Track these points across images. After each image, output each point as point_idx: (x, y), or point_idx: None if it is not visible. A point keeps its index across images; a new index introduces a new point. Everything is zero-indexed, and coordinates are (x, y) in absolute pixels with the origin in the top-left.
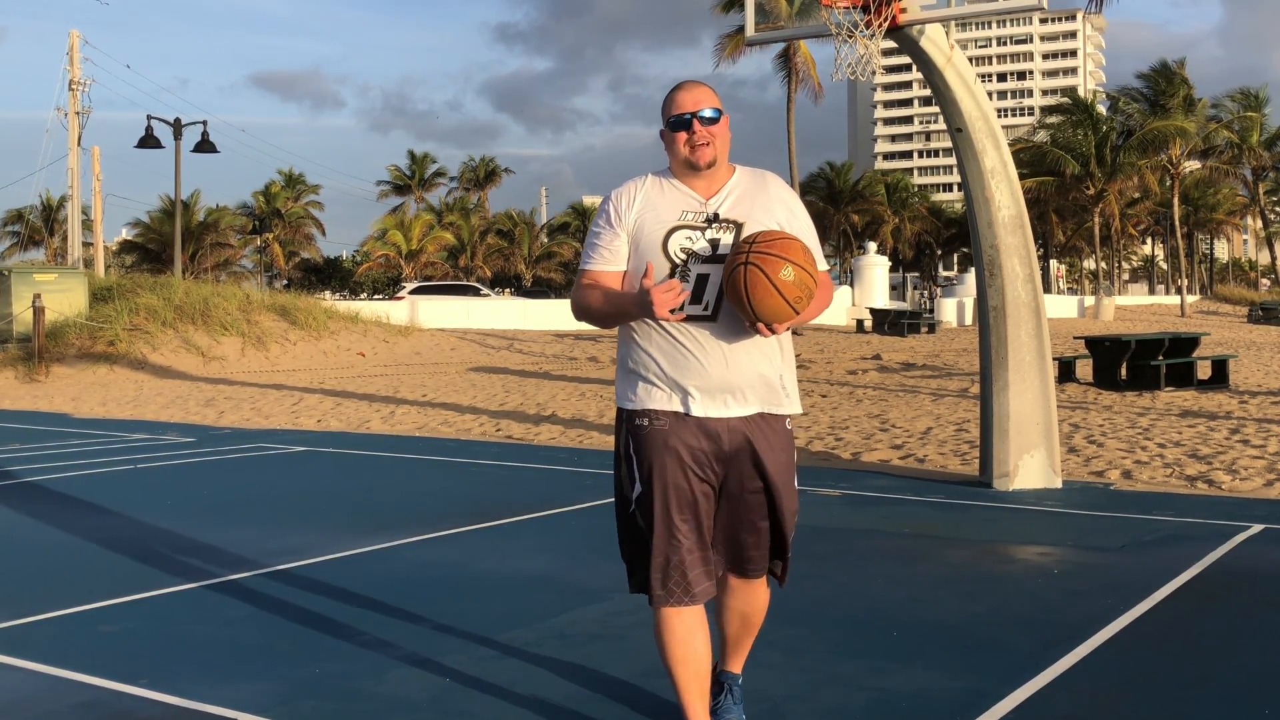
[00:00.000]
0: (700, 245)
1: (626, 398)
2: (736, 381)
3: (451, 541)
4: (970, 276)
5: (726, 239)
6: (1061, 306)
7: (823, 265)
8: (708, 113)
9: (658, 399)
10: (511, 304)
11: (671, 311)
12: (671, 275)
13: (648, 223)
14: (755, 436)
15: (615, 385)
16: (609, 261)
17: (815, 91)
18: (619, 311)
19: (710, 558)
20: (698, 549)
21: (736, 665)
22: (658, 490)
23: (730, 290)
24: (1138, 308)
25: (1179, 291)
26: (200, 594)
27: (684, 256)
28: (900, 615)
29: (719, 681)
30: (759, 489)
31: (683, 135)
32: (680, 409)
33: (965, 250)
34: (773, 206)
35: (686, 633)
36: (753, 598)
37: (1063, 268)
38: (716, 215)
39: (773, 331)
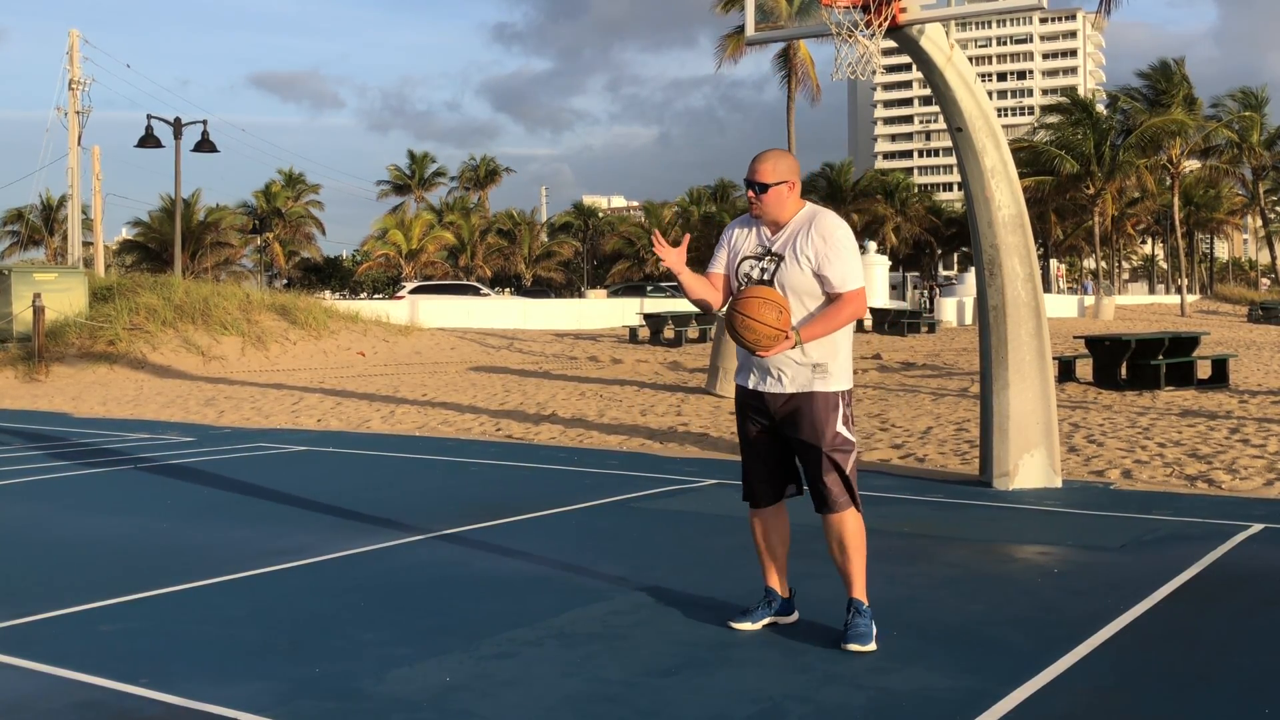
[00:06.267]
0: (755, 272)
1: (738, 375)
2: (776, 369)
3: (451, 541)
4: (970, 276)
5: (772, 267)
6: (1061, 306)
7: (854, 282)
8: (758, 184)
9: (742, 377)
10: (511, 304)
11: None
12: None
13: (735, 251)
14: (795, 405)
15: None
16: (716, 266)
17: (814, 92)
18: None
19: (772, 479)
20: (764, 473)
21: (855, 590)
22: (740, 433)
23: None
24: (1138, 307)
25: (1179, 291)
26: (200, 594)
27: (744, 280)
28: (900, 615)
29: (847, 607)
30: (801, 442)
31: (750, 193)
32: (749, 384)
33: (965, 250)
34: (806, 244)
35: (763, 526)
36: (833, 529)
37: (1063, 267)
38: (769, 250)
39: (759, 353)
